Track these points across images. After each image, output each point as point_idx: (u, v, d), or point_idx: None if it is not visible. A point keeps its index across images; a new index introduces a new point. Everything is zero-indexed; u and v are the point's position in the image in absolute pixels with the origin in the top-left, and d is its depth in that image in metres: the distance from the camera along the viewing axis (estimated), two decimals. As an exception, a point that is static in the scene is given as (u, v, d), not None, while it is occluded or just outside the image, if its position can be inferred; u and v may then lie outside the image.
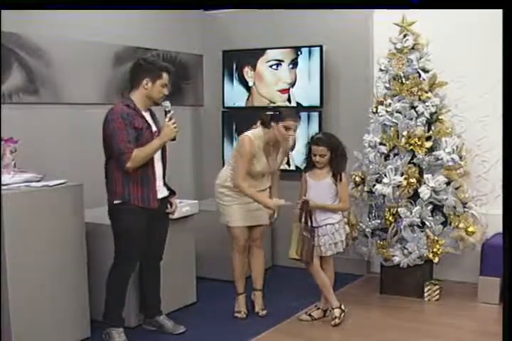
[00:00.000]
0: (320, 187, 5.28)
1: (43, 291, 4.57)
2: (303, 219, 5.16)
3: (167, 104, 4.85)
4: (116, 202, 4.74)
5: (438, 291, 5.92)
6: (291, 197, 5.37)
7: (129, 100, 4.78)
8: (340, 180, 5.22)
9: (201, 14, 7.34)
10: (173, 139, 4.84)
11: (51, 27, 5.53)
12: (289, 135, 5.32)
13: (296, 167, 6.53)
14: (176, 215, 5.40)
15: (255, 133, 5.39)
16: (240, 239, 5.59)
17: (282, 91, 6.88)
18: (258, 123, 5.46)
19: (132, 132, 4.64)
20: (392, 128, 5.88)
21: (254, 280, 5.74)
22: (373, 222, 6.01)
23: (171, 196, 5.12)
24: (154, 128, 4.85)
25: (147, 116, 4.85)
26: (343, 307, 5.34)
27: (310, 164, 5.32)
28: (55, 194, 4.65)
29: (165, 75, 4.81)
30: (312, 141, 5.27)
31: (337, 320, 5.27)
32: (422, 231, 5.77)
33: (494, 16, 5.83)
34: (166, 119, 4.81)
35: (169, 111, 4.84)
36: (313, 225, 5.24)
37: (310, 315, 5.45)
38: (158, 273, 5.22)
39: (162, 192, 4.95)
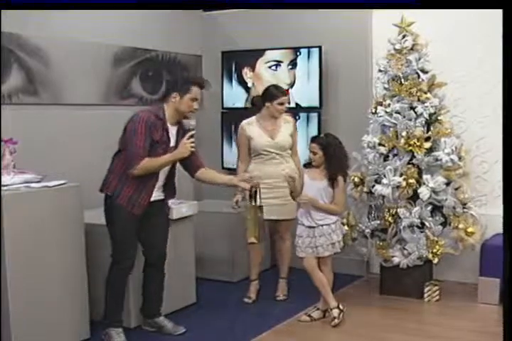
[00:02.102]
0: (313, 187, 5.30)
1: (42, 292, 4.57)
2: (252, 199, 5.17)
3: (192, 122, 4.86)
4: (108, 193, 4.80)
5: (438, 292, 5.92)
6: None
7: (160, 111, 4.82)
8: (335, 184, 5.23)
9: (200, 15, 7.34)
10: (187, 157, 4.88)
11: (50, 27, 5.54)
12: (283, 110, 5.82)
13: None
14: (175, 216, 5.43)
15: (247, 120, 5.92)
16: None
17: (280, 92, 6.88)
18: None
19: (149, 141, 4.68)
20: (391, 129, 5.88)
21: (279, 269, 6.16)
22: (373, 222, 6.00)
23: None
24: (172, 144, 4.86)
25: (173, 130, 4.88)
26: (341, 306, 5.33)
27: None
28: (55, 195, 4.64)
29: (195, 89, 4.82)
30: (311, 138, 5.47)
31: (336, 321, 5.26)
32: (421, 232, 5.77)
33: (494, 16, 5.82)
34: (186, 137, 4.78)
35: (191, 130, 4.82)
36: (311, 225, 5.27)
37: (309, 315, 5.45)
38: (161, 273, 5.21)
39: (154, 197, 4.92)
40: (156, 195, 4.94)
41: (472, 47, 6.15)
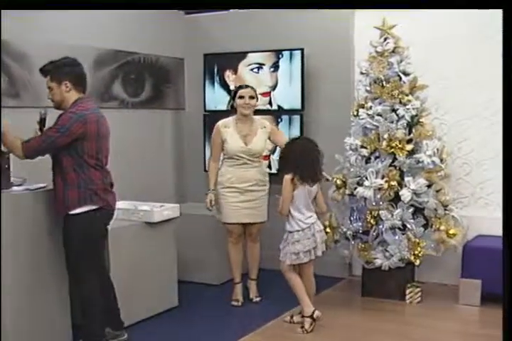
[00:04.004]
0: None
1: (22, 296, 4.53)
2: None
3: (42, 111, 4.68)
4: None
5: (419, 293, 5.93)
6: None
7: None
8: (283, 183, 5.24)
9: (182, 17, 7.34)
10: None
11: (32, 30, 5.51)
12: (245, 103, 5.76)
13: (278, 170, 6.52)
14: (157, 219, 5.42)
15: (224, 120, 5.92)
16: (233, 234, 5.93)
17: (263, 94, 6.86)
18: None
19: None
20: (373, 131, 5.89)
21: (249, 271, 6.15)
22: (355, 224, 6.01)
23: None
24: None
25: None
26: (315, 314, 5.22)
27: None
28: (36, 198, 4.61)
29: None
30: None
31: (304, 330, 5.20)
32: (403, 234, 5.78)
33: (475, 18, 5.89)
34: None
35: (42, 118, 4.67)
36: (287, 230, 5.30)
37: (292, 317, 5.44)
38: (78, 295, 4.73)
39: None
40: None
41: (453, 49, 6.17)
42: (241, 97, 5.77)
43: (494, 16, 5.44)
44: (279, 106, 6.87)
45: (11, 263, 4.41)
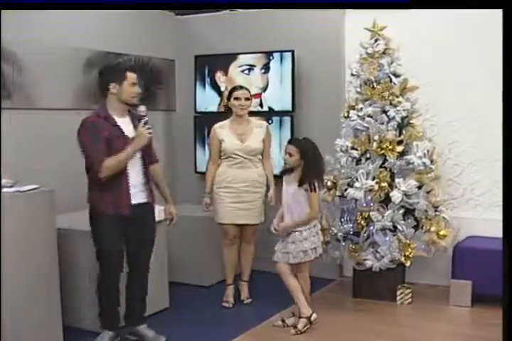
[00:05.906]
0: (288, 192, 5.28)
1: (12, 298, 4.47)
2: None
3: (142, 108, 4.72)
4: (90, 203, 4.72)
5: (410, 294, 5.95)
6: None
7: (103, 108, 4.69)
8: (311, 189, 5.15)
9: (173, 19, 7.34)
10: (143, 149, 4.75)
11: (23, 32, 5.50)
12: (241, 105, 5.84)
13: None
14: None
15: (220, 123, 5.98)
16: (228, 235, 5.93)
17: (254, 96, 6.82)
18: None
19: (101, 142, 4.55)
20: (363, 133, 5.90)
21: (242, 272, 6.14)
22: (345, 226, 6.01)
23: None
24: (130, 135, 4.70)
25: (123, 123, 4.71)
26: (312, 317, 5.26)
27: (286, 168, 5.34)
28: (27, 199, 4.58)
29: (130, 74, 4.67)
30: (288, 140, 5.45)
31: (297, 330, 5.20)
32: (393, 235, 5.79)
33: (466, 19, 5.90)
34: (140, 125, 4.67)
35: (144, 117, 4.69)
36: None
37: (283, 321, 5.43)
38: (144, 283, 5.06)
39: (137, 198, 4.77)
40: (138, 196, 4.78)
41: (444, 51, 6.18)
42: (237, 99, 5.82)
43: (485, 17, 5.48)
44: (269, 108, 6.88)
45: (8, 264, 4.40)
